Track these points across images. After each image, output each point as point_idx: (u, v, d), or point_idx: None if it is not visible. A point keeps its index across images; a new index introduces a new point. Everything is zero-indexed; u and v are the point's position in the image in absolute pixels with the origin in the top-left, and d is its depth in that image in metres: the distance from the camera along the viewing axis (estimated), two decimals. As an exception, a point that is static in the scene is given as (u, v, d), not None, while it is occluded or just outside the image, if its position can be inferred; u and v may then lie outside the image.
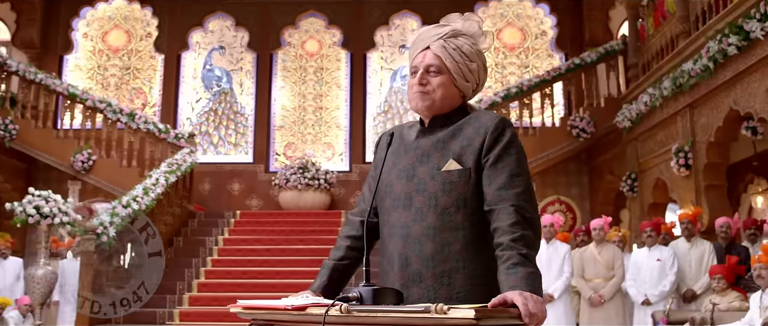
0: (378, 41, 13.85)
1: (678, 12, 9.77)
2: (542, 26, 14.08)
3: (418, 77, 2.20)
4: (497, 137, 2.10)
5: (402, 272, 2.12)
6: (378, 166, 2.31)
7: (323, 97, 13.77)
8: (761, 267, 5.41)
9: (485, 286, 2.05)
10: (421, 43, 2.24)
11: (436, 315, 1.59)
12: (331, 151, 13.60)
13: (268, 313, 1.98)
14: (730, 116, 8.49)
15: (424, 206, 2.10)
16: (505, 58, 13.99)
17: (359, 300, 1.84)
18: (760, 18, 7.38)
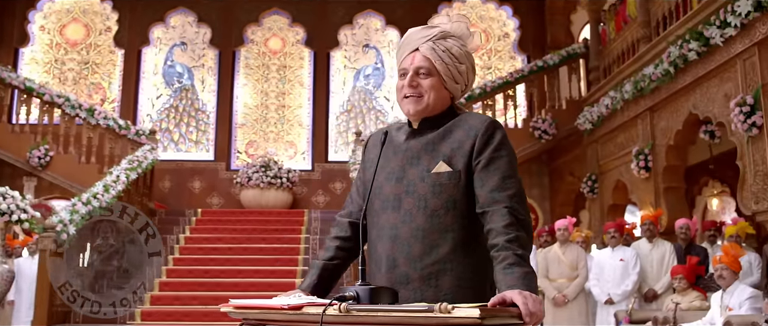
0: (342, 40, 13.82)
1: (639, 17, 9.95)
2: (505, 28, 14.21)
3: (408, 79, 2.18)
4: (488, 139, 2.09)
5: (389, 273, 2.11)
6: (369, 167, 2.29)
7: (286, 96, 13.69)
8: (723, 267, 5.54)
9: (472, 289, 2.06)
10: (409, 45, 2.21)
11: (439, 315, 1.59)
12: (293, 149, 13.53)
13: (261, 313, 1.95)
14: (690, 120, 8.68)
15: (413, 208, 2.09)
16: (468, 60, 14.04)
17: (356, 300, 1.83)
18: (720, 25, 7.55)
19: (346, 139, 13.51)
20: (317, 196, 13.10)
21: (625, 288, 7.32)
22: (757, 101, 7.19)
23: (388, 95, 13.80)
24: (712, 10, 7.84)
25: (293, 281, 8.94)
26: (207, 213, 11.38)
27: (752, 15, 7.10)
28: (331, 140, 13.54)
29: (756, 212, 7.35)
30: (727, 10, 7.40)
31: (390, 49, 13.90)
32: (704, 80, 8.20)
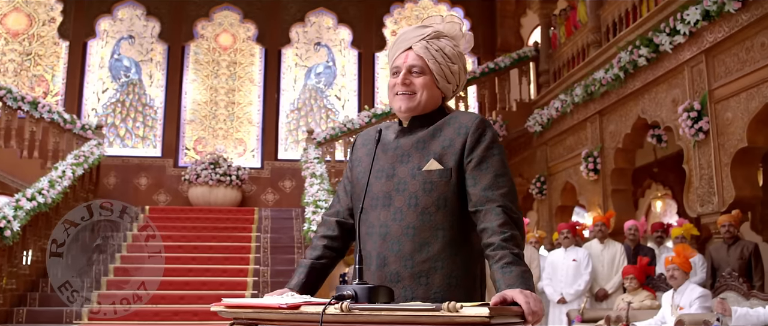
0: (293, 37, 13.74)
1: (590, 22, 10.15)
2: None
3: (401, 77, 2.17)
4: (479, 138, 2.10)
5: (379, 271, 2.09)
6: (356, 165, 2.29)
7: (236, 92, 13.53)
8: (674, 268, 5.70)
9: (462, 287, 2.07)
10: (402, 44, 2.22)
11: (447, 313, 1.59)
12: (242, 147, 13.38)
13: (255, 312, 1.92)
14: (638, 124, 8.91)
15: (404, 205, 2.08)
16: (419, 60, 14.11)
17: (355, 299, 1.81)
18: (669, 32, 7.77)
19: (296, 137, 13.43)
20: (266, 194, 12.99)
21: (577, 288, 7.46)
22: (704, 107, 7.43)
23: (339, 94, 13.77)
24: (662, 17, 8.06)
25: (245, 280, 8.84)
26: (155, 211, 11.16)
27: (700, 24, 7.33)
28: (281, 138, 13.45)
29: (701, 214, 7.59)
30: (677, 18, 7.62)
31: (341, 48, 13.87)
32: (653, 85, 8.42)
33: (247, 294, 8.52)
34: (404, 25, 14.15)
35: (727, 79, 7.19)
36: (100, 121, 12.11)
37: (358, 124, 11.50)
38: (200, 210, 11.30)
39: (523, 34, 14.33)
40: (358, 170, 2.26)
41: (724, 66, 7.28)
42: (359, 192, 2.21)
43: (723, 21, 7.10)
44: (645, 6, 8.80)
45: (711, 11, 7.12)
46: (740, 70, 7.02)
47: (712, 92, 7.39)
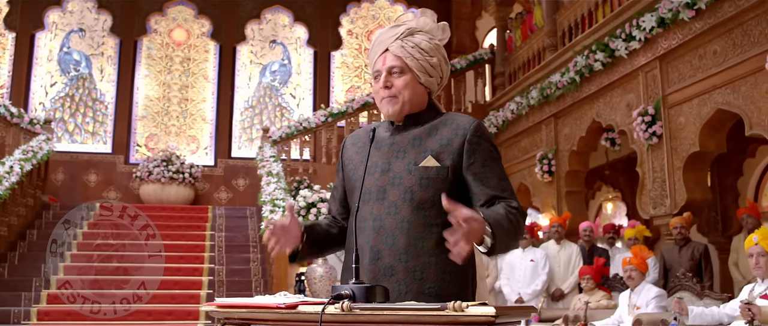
0: (249, 34, 13.60)
1: (546, 27, 10.30)
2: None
3: (382, 81, 2.18)
4: (479, 140, 2.13)
5: (373, 265, 2.08)
6: (347, 164, 2.29)
7: (189, 89, 13.32)
8: (632, 268, 5.83)
9: (455, 283, 2.09)
10: (378, 47, 2.22)
11: (452, 313, 1.59)
12: (195, 144, 13.18)
13: (249, 312, 1.89)
14: (593, 127, 9.08)
15: (398, 199, 2.09)
16: (375, 60, 14.12)
17: (352, 298, 1.80)
18: (625, 38, 7.94)
19: (250, 135, 13.30)
20: (220, 193, 12.83)
21: (534, 288, 7.57)
22: (658, 111, 7.62)
23: (294, 92, 13.69)
24: (617, 23, 8.23)
25: (200, 279, 8.72)
26: (105, 208, 10.90)
27: (655, 30, 7.51)
28: (234, 136, 13.29)
29: (654, 216, 7.78)
30: (633, 24, 7.79)
31: (297, 46, 13.78)
32: (608, 90, 8.60)
33: (202, 293, 8.40)
34: (360, 25, 14.16)
35: (681, 85, 7.38)
36: (48, 116, 11.78)
37: (314, 123, 11.46)
38: (152, 209, 11.07)
39: (478, 36, 14.47)
40: (350, 168, 2.27)
41: (677, 72, 7.47)
42: (353, 189, 2.21)
43: (677, 28, 7.29)
44: (601, 12, 8.97)
45: (666, 18, 7.29)
46: (693, 76, 7.21)
47: (666, 97, 7.58)
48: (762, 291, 4.52)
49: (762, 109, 6.34)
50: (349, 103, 11.70)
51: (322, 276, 7.68)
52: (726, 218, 9.95)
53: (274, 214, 8.14)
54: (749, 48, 6.49)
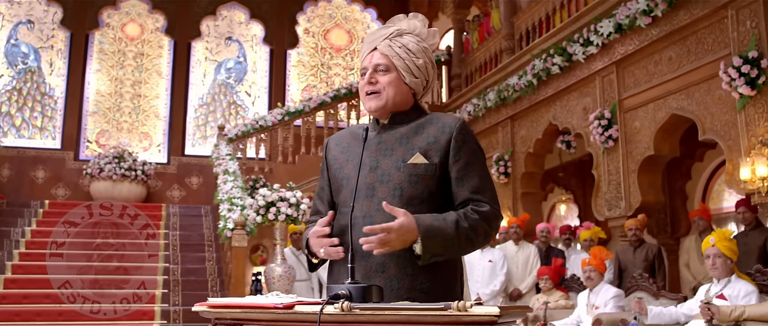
0: (204, 31, 13.42)
1: (504, 30, 10.42)
2: (368, 31, 14.38)
3: (367, 76, 2.20)
4: (464, 140, 2.16)
5: (365, 262, 2.08)
6: (333, 164, 2.29)
7: (142, 85, 13.08)
8: (591, 269, 5.94)
9: (446, 280, 2.12)
10: (368, 46, 2.25)
11: (456, 313, 1.60)
12: (148, 141, 12.96)
13: (243, 312, 1.87)
14: (549, 130, 9.22)
15: (388, 196, 2.09)
16: (331, 59, 14.12)
17: (349, 298, 1.80)
18: (583, 43, 8.09)
19: (204, 132, 13.13)
20: (172, 191, 12.64)
21: (493, 288, 7.65)
22: (614, 115, 7.78)
23: (250, 90, 13.56)
24: (575, 28, 8.37)
25: (155, 278, 8.57)
26: (55, 206, 10.63)
27: (613, 36, 7.67)
28: (188, 133, 13.11)
29: (609, 218, 7.95)
30: (591, 30, 7.94)
31: (253, 44, 13.67)
32: (565, 93, 8.74)
33: (157, 293, 8.26)
34: (317, 23, 14.11)
35: (636, 90, 7.56)
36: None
37: (271, 122, 11.37)
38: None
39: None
40: (335, 168, 2.28)
41: (633, 77, 7.64)
42: (339, 188, 2.21)
43: (634, 34, 7.46)
44: (558, 16, 9.12)
45: (623, 25, 7.46)
46: (649, 81, 7.39)
47: (622, 102, 7.75)
48: (718, 291, 4.66)
49: (715, 114, 6.53)
50: (305, 102, 11.64)
51: (281, 276, 7.63)
52: (675, 220, 10.22)
53: (232, 213, 8.06)
54: (703, 55, 6.68)
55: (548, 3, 9.35)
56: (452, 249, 2.05)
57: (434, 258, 2.03)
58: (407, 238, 1.96)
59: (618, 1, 7.63)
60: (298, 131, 11.58)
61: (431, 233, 1.99)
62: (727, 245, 4.72)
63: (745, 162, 6.06)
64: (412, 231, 1.96)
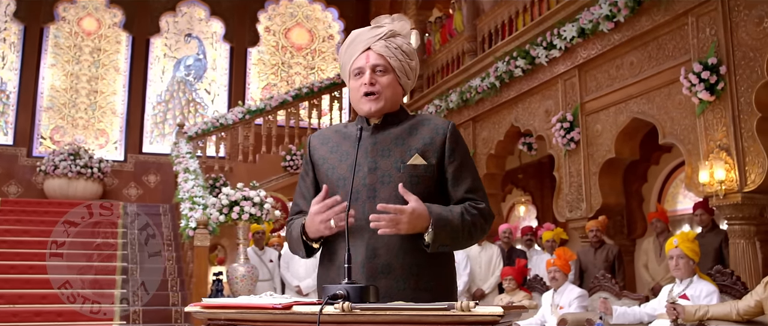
0: (163, 27, 13.23)
1: (466, 32, 10.49)
2: (330, 30, 14.36)
3: (367, 78, 2.17)
4: (457, 141, 2.20)
5: (369, 263, 2.08)
6: (322, 164, 2.26)
7: (99, 80, 12.82)
8: (556, 270, 6.03)
9: (446, 279, 2.17)
10: (359, 45, 2.22)
11: (459, 313, 1.61)
12: (104, 138, 12.71)
13: (239, 313, 1.85)
14: (511, 132, 9.32)
15: (391, 197, 2.09)
16: (292, 58, 14.04)
17: (347, 298, 1.79)
18: (546, 46, 8.19)
19: (162, 130, 12.94)
20: (129, 189, 12.43)
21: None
22: (576, 118, 7.90)
23: (209, 88, 13.41)
24: (538, 32, 8.47)
25: (114, 278, 8.41)
26: (7, 203, 10.36)
27: (575, 40, 7.78)
28: (146, 131, 12.90)
29: (570, 219, 8.07)
30: (554, 33, 8.05)
31: (213, 41, 13.52)
32: (527, 96, 8.85)
33: (116, 293, 8.12)
34: (278, 22, 14.02)
35: (598, 94, 7.69)
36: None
37: (231, 120, 11.26)
38: (59, 204, 10.60)
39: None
40: (326, 167, 2.24)
41: (595, 81, 7.77)
42: (334, 189, 2.19)
43: (597, 39, 7.59)
44: (521, 20, 9.22)
45: (586, 29, 7.57)
46: (610, 85, 7.52)
47: (584, 105, 7.88)
48: (681, 291, 4.77)
49: (675, 119, 6.68)
50: (266, 100, 11.57)
51: (244, 276, 7.57)
52: (631, 222, 10.43)
53: (194, 212, 7.96)
54: (664, 61, 6.83)
55: (511, 6, 9.45)
56: (457, 241, 2.10)
57: (442, 247, 2.07)
58: (417, 224, 2.00)
59: (581, 6, 7.75)
60: (259, 130, 11.50)
61: (442, 222, 2.03)
62: (690, 246, 4.84)
63: (703, 165, 6.21)
64: (424, 217, 2.01)
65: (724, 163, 6.04)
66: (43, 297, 7.79)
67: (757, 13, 5.91)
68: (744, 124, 5.94)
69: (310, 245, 2.19)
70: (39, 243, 8.92)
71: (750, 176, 5.88)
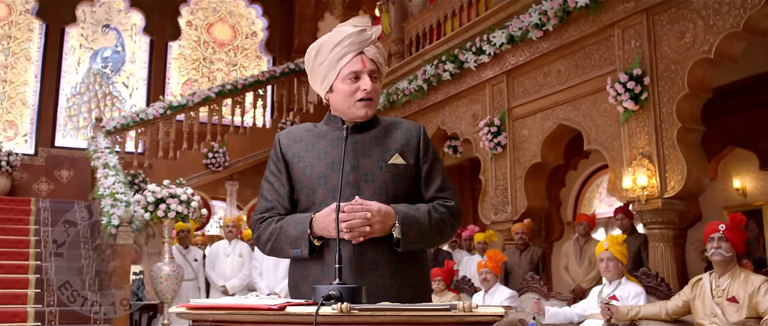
0: (79, 16, 12.74)
1: (393, 34, 10.57)
2: (253, 27, 14.18)
3: (368, 84, 2.14)
4: (428, 143, 2.26)
5: (357, 259, 2.08)
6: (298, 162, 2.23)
7: (9, 70, 12.22)
8: (487, 271, 6.15)
9: (425, 275, 2.22)
10: (349, 47, 2.16)
11: (461, 313, 1.63)
12: (13, 130, 12.13)
13: (228, 314, 1.81)
14: (437, 134, 9.45)
15: (375, 195, 2.11)
16: (214, 53, 13.80)
17: (340, 299, 1.79)
18: (475, 51, 8.36)
19: (76, 123, 12.46)
20: (40, 184, 11.90)
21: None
22: (503, 123, 8.09)
23: (127, 81, 13.01)
24: (467, 37, 8.63)
25: (27, 277, 8.02)
26: None
27: (505, 47, 7.97)
28: (59, 124, 12.39)
29: (495, 222, 8.25)
30: (483, 39, 8.22)
31: (132, 33, 13.12)
32: (455, 99, 8.99)
33: (29, 293, 7.75)
34: (200, 16, 13.74)
35: (525, 100, 7.90)
36: None
37: (152, 115, 10.97)
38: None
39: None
40: (303, 165, 2.22)
41: (523, 87, 7.98)
42: (313, 187, 2.18)
43: (525, 46, 7.80)
44: (449, 25, 9.36)
45: (515, 36, 7.78)
46: (538, 92, 7.74)
47: (511, 110, 8.08)
48: (610, 292, 4.96)
49: (600, 126, 6.94)
50: (189, 96, 11.32)
51: (169, 275, 7.40)
52: (549, 225, 10.74)
53: (117, 209, 7.71)
54: (590, 70, 7.09)
55: (440, 11, 9.59)
56: (426, 239, 2.13)
57: (412, 245, 2.09)
58: (387, 222, 2.03)
59: (511, 14, 7.94)
60: (181, 126, 11.25)
61: (409, 219, 2.07)
62: (619, 249, 5.04)
63: (627, 172, 6.48)
64: (390, 215, 2.04)
65: (646, 169, 6.32)
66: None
67: (678, 28, 6.21)
68: (665, 133, 6.23)
69: (313, 242, 2.14)
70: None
71: (670, 183, 6.17)
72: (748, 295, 3.94)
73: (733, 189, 8.79)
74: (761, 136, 8.18)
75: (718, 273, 4.16)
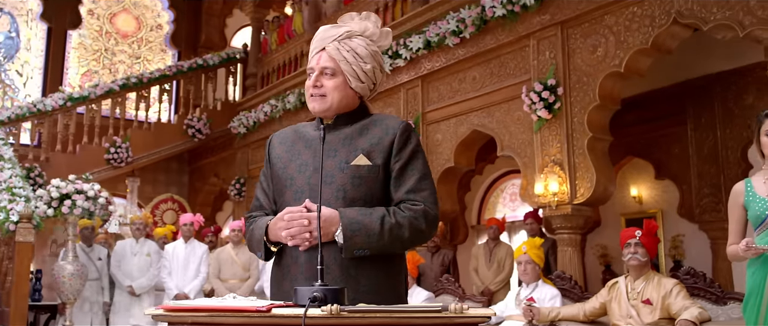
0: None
1: (306, 34, 10.53)
2: (159, 20, 13.79)
3: (312, 79, 2.19)
4: (406, 140, 2.17)
5: (308, 264, 2.06)
6: (276, 163, 2.24)
7: None
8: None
9: (389, 282, 2.14)
10: (317, 44, 2.21)
11: (451, 315, 1.67)
12: None
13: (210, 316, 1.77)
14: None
15: (331, 198, 2.08)
16: (116, 45, 13.31)
17: (324, 301, 1.79)
18: (392, 55, 8.43)
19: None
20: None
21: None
22: (417, 127, 8.21)
23: (21, 69, 12.36)
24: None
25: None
26: None
27: (421, 51, 8.10)
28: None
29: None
30: (400, 43, 8.31)
31: (28, 19, 12.48)
32: (369, 102, 9.03)
33: None
34: (102, 5, 13.23)
35: (440, 105, 8.05)
36: None
37: (51, 106, 10.47)
38: None
39: (227, 34, 14.29)
40: (279, 167, 2.22)
41: (437, 92, 8.13)
42: (282, 188, 2.17)
43: (441, 52, 7.95)
44: (365, 27, 9.40)
45: (432, 42, 7.91)
46: (452, 97, 7.91)
47: (425, 114, 8.21)
48: (528, 294, 5.14)
49: (513, 133, 7.16)
50: (91, 88, 10.88)
51: (72, 274, 7.10)
52: (454, 228, 10.96)
53: (15, 205, 7.31)
54: (505, 78, 7.31)
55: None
56: (378, 245, 2.04)
57: (359, 252, 2.03)
58: (329, 229, 2.00)
59: (428, 19, 8.08)
60: (82, 119, 10.79)
61: (354, 225, 2.01)
62: (537, 253, 5.23)
63: (539, 178, 6.72)
64: (333, 221, 2.00)
65: (557, 176, 6.57)
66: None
67: (591, 42, 6.51)
68: (576, 142, 6.51)
69: (270, 248, 2.15)
70: None
71: (579, 190, 6.45)
72: (662, 297, 4.18)
73: (631, 196, 9.27)
74: (657, 147, 8.67)
75: (634, 277, 4.40)
